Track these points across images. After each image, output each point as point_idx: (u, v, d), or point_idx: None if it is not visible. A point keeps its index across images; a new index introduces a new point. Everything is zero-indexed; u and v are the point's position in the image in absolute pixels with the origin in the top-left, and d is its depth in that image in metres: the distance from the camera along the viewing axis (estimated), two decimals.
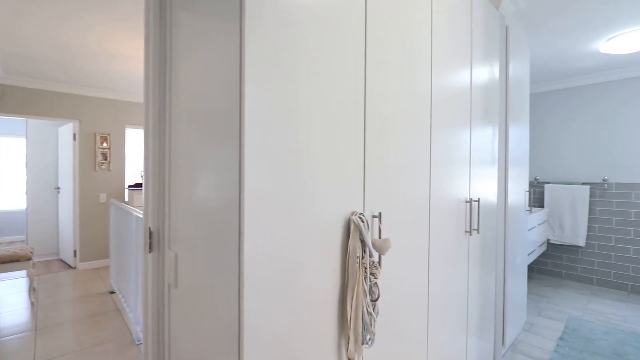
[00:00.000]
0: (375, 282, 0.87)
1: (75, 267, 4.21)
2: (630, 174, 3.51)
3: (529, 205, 2.62)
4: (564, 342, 2.37)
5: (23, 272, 4.01)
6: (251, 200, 0.64)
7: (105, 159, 4.31)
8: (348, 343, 0.83)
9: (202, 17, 0.81)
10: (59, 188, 4.63)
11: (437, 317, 1.34)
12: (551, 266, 4.01)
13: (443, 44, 1.34)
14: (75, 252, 4.18)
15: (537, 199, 4.12)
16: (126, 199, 4.57)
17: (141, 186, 4.43)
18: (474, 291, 1.69)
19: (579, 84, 3.82)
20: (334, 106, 0.83)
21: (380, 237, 0.94)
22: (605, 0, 2.14)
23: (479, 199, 1.60)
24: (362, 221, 0.85)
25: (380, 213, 0.94)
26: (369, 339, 0.86)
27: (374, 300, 0.87)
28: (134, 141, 6.01)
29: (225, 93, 0.69)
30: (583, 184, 3.78)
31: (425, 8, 1.21)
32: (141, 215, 2.23)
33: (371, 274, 0.86)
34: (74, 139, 4.14)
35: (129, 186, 4.50)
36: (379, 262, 0.94)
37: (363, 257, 0.85)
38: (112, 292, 3.35)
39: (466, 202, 1.53)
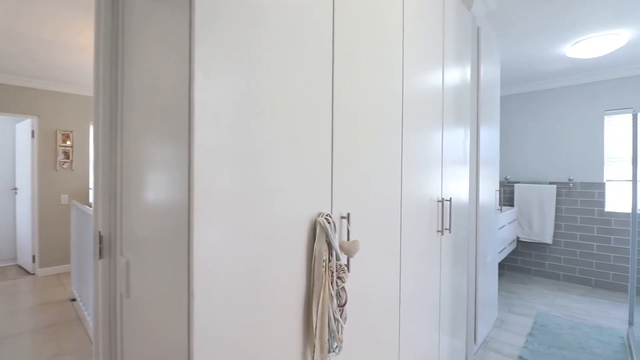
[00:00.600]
0: (343, 287, 0.83)
1: (34, 274, 3.94)
2: (594, 174, 3.67)
3: (500, 205, 2.68)
4: (533, 337, 2.42)
5: None
6: (202, 201, 0.58)
7: (68, 158, 4.06)
8: (314, 352, 0.78)
9: (153, 0, 0.74)
10: (16, 189, 4.33)
11: (409, 317, 1.31)
12: (521, 263, 4.13)
13: (414, 43, 1.32)
14: (34, 257, 3.91)
15: (507, 198, 4.23)
16: (90, 200, 4.34)
17: None
18: (446, 290, 1.68)
19: (545, 87, 3.96)
20: (298, 103, 0.78)
21: (348, 239, 0.90)
22: (572, 4, 2.21)
23: (450, 198, 1.60)
24: (329, 222, 0.80)
25: (348, 214, 0.90)
26: (336, 346, 0.81)
27: (341, 306, 0.83)
28: None
29: (175, 85, 0.63)
30: (550, 183, 3.92)
31: (396, 6, 1.18)
32: None
33: (338, 278, 0.82)
34: (33, 136, 3.88)
35: None
36: (348, 265, 0.90)
37: (330, 261, 0.81)
38: (73, 300, 3.15)
39: (438, 201, 1.53)
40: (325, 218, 0.81)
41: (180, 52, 0.61)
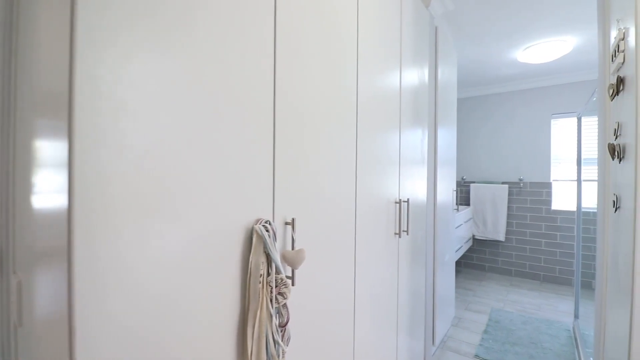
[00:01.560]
0: (285, 304, 0.73)
1: None
2: (542, 174, 3.86)
3: (456, 204, 2.73)
4: (487, 335, 2.47)
5: None
6: (87, 208, 0.45)
7: None
8: None
9: None
10: None
11: (365, 324, 1.24)
12: (476, 260, 4.27)
13: (370, 38, 1.25)
14: None
15: (464, 197, 4.36)
16: None
17: None
18: (404, 292, 1.64)
19: (498, 90, 4.12)
20: (230, 95, 0.66)
21: (293, 248, 0.80)
22: (523, 9, 2.27)
23: (408, 199, 1.55)
24: (267, 230, 0.70)
25: (293, 219, 0.80)
26: None
27: (282, 326, 0.72)
28: None
29: (58, 64, 0.49)
30: (503, 183, 4.08)
31: None
32: None
33: (279, 294, 0.71)
34: None
35: None
36: (292, 278, 0.79)
37: (269, 274, 0.70)
38: None
39: (396, 203, 1.47)
40: (263, 225, 0.70)
41: (62, 25, 0.47)
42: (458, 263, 4.38)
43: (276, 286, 0.71)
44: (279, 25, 0.79)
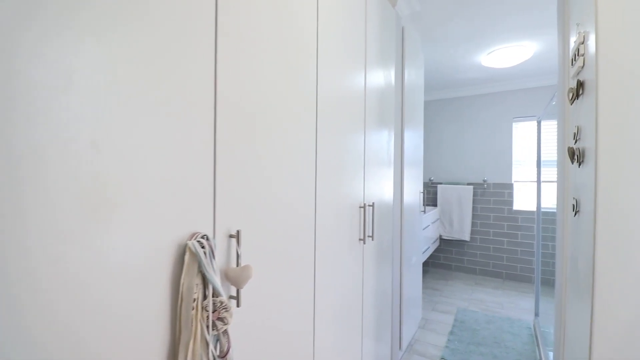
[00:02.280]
0: (225, 330, 0.63)
1: None
2: (504, 175, 3.99)
3: (423, 205, 2.74)
4: (453, 336, 2.48)
5: None
6: None
7: None
8: None
9: None
10: None
11: (327, 336, 1.16)
12: (443, 260, 4.34)
13: (332, 35, 1.17)
14: None
15: (431, 198, 4.42)
16: None
17: None
18: (369, 299, 1.58)
19: (463, 94, 4.21)
20: (153, 87, 0.56)
21: (238, 264, 0.70)
22: (486, 14, 2.30)
23: (373, 203, 1.49)
24: (203, 247, 0.60)
25: (239, 231, 0.70)
26: None
27: (222, 356, 0.63)
28: None
29: None
30: (468, 184, 4.17)
31: None
32: None
33: (218, 319, 0.61)
34: None
35: None
36: (238, 298, 0.70)
37: (205, 298, 0.60)
38: None
39: (360, 207, 1.41)
40: (198, 241, 0.60)
41: None
42: (426, 263, 4.43)
43: (214, 311, 0.61)
44: (222, 24, 0.69)
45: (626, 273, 0.95)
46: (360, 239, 1.40)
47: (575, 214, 1.26)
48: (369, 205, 1.49)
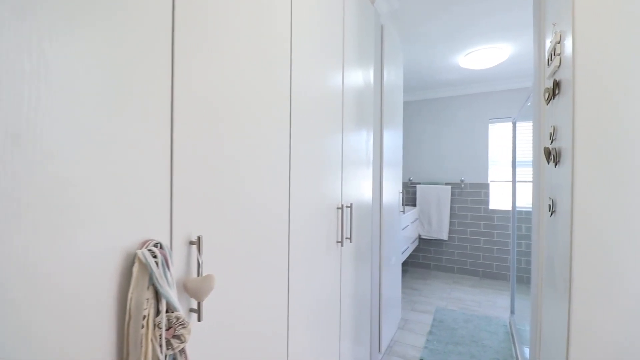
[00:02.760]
0: (182, 349, 0.56)
1: None
2: (480, 175, 4.06)
3: (403, 206, 2.73)
4: (432, 336, 2.48)
5: None
6: None
7: None
8: None
9: None
10: None
11: (302, 339, 1.11)
12: (422, 259, 4.37)
13: (307, 30, 1.12)
14: None
15: (411, 198, 4.45)
16: None
17: None
18: (348, 302, 1.54)
19: (441, 95, 4.26)
20: (92, 72, 0.48)
21: (199, 274, 0.63)
22: (463, 14, 2.30)
23: (351, 204, 1.45)
24: (155, 256, 0.53)
25: (200, 237, 0.63)
26: None
27: None
28: None
29: None
30: (446, 184, 4.22)
31: None
32: None
33: (174, 337, 0.55)
34: None
35: None
36: (199, 311, 0.63)
37: (158, 314, 0.53)
38: None
39: (338, 208, 1.36)
40: (149, 249, 0.53)
41: None
42: (405, 263, 4.45)
43: (169, 328, 0.54)
44: (180, 17, 0.62)
45: (603, 273, 0.95)
46: (338, 242, 1.35)
47: (551, 214, 1.26)
48: (347, 207, 1.45)
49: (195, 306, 0.64)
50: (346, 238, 1.43)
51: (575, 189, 0.99)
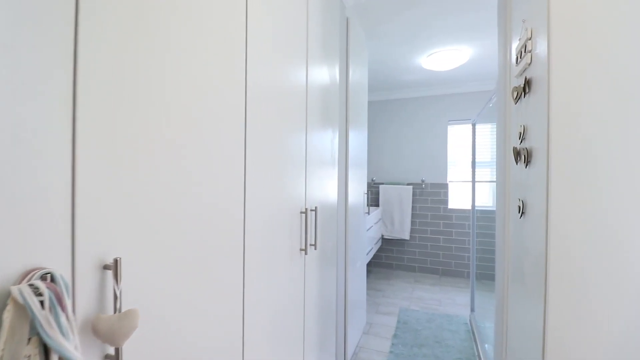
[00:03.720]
0: None
1: None
2: (440, 175, 4.13)
3: (367, 206, 2.67)
4: (397, 339, 2.43)
5: None
6: None
7: None
8: None
9: None
10: None
11: (260, 353, 0.97)
12: (385, 259, 4.37)
13: (266, 20, 0.98)
14: None
15: (374, 198, 4.43)
16: None
17: None
18: (312, 310, 1.41)
19: (403, 96, 4.28)
20: None
21: (118, 310, 0.47)
22: (428, 15, 2.28)
23: (316, 207, 1.33)
24: (40, 294, 0.37)
25: (117, 260, 0.47)
26: None
27: None
28: None
29: None
30: (408, 184, 4.25)
31: None
32: None
33: None
34: None
35: None
36: (118, 356, 0.47)
37: None
38: None
39: (301, 213, 1.23)
40: (31, 284, 0.36)
41: None
42: (369, 263, 4.43)
43: None
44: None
45: (579, 275, 0.91)
46: (301, 249, 1.23)
47: (521, 216, 1.22)
48: (312, 210, 1.33)
49: (112, 351, 0.48)
50: (310, 245, 1.31)
51: (550, 190, 0.95)
